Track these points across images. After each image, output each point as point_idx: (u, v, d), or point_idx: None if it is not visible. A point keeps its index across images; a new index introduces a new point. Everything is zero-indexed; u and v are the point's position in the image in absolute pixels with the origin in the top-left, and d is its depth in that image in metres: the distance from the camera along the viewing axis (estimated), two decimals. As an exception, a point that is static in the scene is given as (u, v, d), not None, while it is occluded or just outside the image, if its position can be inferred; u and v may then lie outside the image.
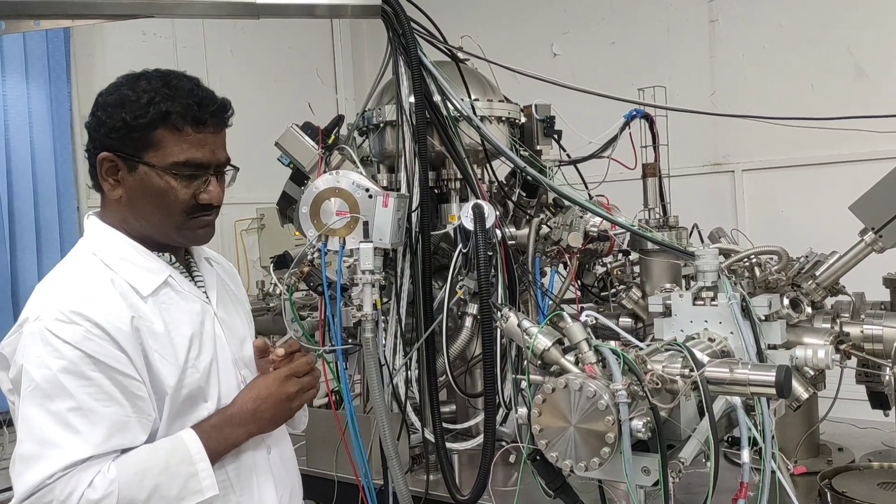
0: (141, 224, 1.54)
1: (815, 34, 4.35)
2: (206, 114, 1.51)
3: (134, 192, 1.51)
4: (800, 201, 4.37)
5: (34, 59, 4.02)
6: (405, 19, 2.48)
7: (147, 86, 1.49)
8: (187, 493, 1.41)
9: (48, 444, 1.33)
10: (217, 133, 1.55)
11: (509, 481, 2.48)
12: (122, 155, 1.49)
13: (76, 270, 1.50)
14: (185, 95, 1.49)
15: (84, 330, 1.38)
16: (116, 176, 1.52)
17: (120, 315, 1.42)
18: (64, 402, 1.35)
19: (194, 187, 1.52)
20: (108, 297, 1.44)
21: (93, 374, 1.37)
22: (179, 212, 1.52)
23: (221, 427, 1.50)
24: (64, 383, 1.35)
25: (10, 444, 3.86)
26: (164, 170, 1.49)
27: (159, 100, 1.47)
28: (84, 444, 1.34)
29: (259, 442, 1.61)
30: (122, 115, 1.47)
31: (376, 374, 2.41)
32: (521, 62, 2.77)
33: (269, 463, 1.64)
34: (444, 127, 2.53)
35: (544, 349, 1.48)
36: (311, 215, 2.33)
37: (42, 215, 3.99)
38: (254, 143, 2.89)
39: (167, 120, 1.47)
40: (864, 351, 2.16)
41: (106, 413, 1.37)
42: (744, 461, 1.50)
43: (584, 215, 2.66)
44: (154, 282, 1.51)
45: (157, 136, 1.48)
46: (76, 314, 1.38)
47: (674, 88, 3.41)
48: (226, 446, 1.50)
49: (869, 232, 2.15)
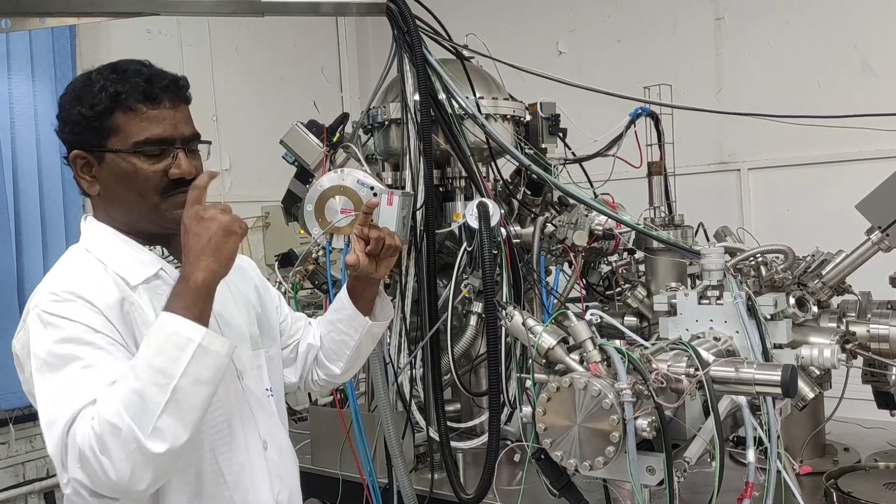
0: (123, 214, 1.55)
1: (822, 31, 4.33)
2: (157, 89, 1.51)
3: (108, 182, 1.53)
4: (806, 200, 4.36)
5: (40, 57, 4.02)
6: (410, 17, 2.48)
7: (97, 76, 1.52)
8: (177, 350, 1.31)
9: (61, 403, 1.34)
10: (175, 108, 1.54)
11: (514, 480, 2.48)
12: (88, 149, 1.52)
13: (69, 263, 1.53)
14: (133, 75, 1.51)
15: (80, 305, 1.40)
16: (91, 172, 1.54)
17: (111, 295, 1.44)
18: (71, 365, 1.36)
19: (163, 164, 1.51)
20: (99, 280, 1.46)
21: (94, 339, 1.38)
22: (153, 191, 1.51)
23: (174, 289, 1.40)
24: (68, 352, 1.36)
25: (15, 442, 3.87)
26: (127, 152, 1.49)
27: (109, 85, 1.49)
28: (90, 389, 1.33)
29: (254, 437, 1.60)
30: (78, 109, 1.50)
31: (381, 372, 2.41)
32: (527, 60, 2.76)
33: (266, 459, 1.62)
34: (449, 125, 2.53)
35: (549, 348, 1.47)
36: (315, 213, 2.33)
37: (47, 213, 3.99)
38: (258, 141, 2.90)
39: (120, 102, 1.48)
40: (871, 350, 2.15)
41: (110, 365, 1.36)
42: (749, 461, 1.50)
43: (589, 214, 2.65)
44: (144, 273, 1.52)
45: (115, 120, 1.49)
46: (68, 293, 1.41)
47: (679, 86, 3.40)
48: (192, 294, 1.37)
49: (875, 231, 2.14)
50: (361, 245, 1.80)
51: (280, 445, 1.69)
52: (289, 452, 1.73)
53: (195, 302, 1.36)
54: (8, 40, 3.85)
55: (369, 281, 1.86)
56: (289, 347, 1.90)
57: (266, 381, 1.71)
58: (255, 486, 1.58)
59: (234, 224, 1.42)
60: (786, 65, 4.43)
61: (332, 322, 1.90)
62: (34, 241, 3.92)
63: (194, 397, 1.33)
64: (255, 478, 1.59)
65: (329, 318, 1.92)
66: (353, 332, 1.87)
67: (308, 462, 2.77)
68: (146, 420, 1.27)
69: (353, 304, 1.86)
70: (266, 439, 1.63)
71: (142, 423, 1.27)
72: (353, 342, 1.88)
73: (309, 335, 1.93)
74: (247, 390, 1.62)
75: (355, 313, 1.86)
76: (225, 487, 1.54)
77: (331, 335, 1.90)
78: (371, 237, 1.79)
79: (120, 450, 1.26)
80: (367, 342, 1.93)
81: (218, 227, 1.40)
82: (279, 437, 1.70)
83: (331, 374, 1.93)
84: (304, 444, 2.84)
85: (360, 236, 1.81)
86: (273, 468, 1.64)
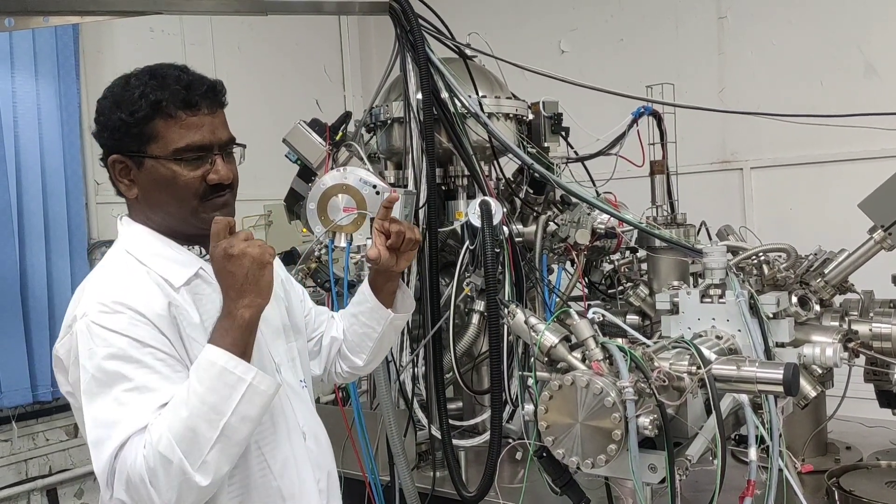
0: (162, 217, 1.57)
1: (825, 31, 4.33)
2: (196, 96, 1.53)
3: (147, 187, 1.55)
4: (809, 199, 4.35)
5: (43, 55, 4.03)
6: (413, 16, 2.48)
7: (136, 82, 1.53)
8: (228, 389, 1.37)
9: (110, 424, 1.36)
10: (213, 114, 1.57)
11: (516, 478, 2.49)
12: (128, 154, 1.53)
13: (113, 268, 1.54)
14: (173, 82, 1.52)
15: (128, 317, 1.42)
16: (129, 176, 1.56)
17: (159, 302, 1.46)
18: (119, 385, 1.38)
19: (202, 170, 1.54)
20: (145, 288, 1.48)
21: (142, 356, 1.40)
22: (192, 197, 1.54)
23: (220, 325, 1.44)
24: (116, 369, 1.38)
25: (17, 440, 3.88)
26: (167, 158, 1.51)
27: (149, 91, 1.50)
28: (141, 414, 1.36)
29: (294, 427, 1.64)
30: (118, 115, 1.51)
31: (383, 370, 2.41)
32: (529, 59, 2.76)
33: (306, 449, 1.66)
34: (452, 124, 2.53)
35: (551, 346, 1.48)
36: (318, 212, 2.33)
37: (51, 211, 4.00)
38: (261, 140, 2.88)
39: (160, 109, 1.50)
40: (873, 349, 2.15)
41: (159, 387, 1.39)
42: (751, 459, 1.50)
43: (591, 212, 2.65)
44: (185, 274, 1.54)
45: (155, 127, 1.51)
46: (118, 304, 1.43)
47: (682, 85, 3.40)
48: (239, 331, 1.42)
49: (878, 230, 2.14)
50: (382, 239, 1.81)
51: (317, 434, 1.73)
52: (325, 440, 1.77)
53: (242, 337, 1.42)
54: (11, 39, 3.86)
55: (390, 274, 1.88)
56: (313, 340, 1.93)
57: (300, 373, 1.75)
58: (299, 476, 1.62)
59: (263, 254, 1.46)
60: (788, 64, 4.43)
61: (355, 315, 1.92)
62: (37, 240, 3.93)
63: (241, 433, 1.39)
64: (299, 467, 1.62)
65: (351, 311, 1.94)
66: (376, 325, 1.89)
67: (310, 460, 2.77)
68: (196, 454, 1.33)
69: (375, 297, 1.88)
70: (304, 429, 1.67)
71: (192, 457, 1.32)
72: (376, 334, 1.90)
73: (332, 328, 1.96)
74: (285, 383, 1.65)
75: (377, 306, 1.88)
76: (272, 478, 1.57)
77: (353, 328, 1.92)
78: (392, 231, 1.80)
79: (168, 481, 1.32)
80: (390, 334, 1.95)
81: (251, 262, 1.44)
82: (315, 427, 1.74)
83: (354, 367, 1.96)
84: (306, 442, 2.84)
85: (380, 230, 1.82)
86: (312, 457, 1.68)
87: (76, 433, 4.06)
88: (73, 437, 4.12)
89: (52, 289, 3.94)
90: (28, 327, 3.84)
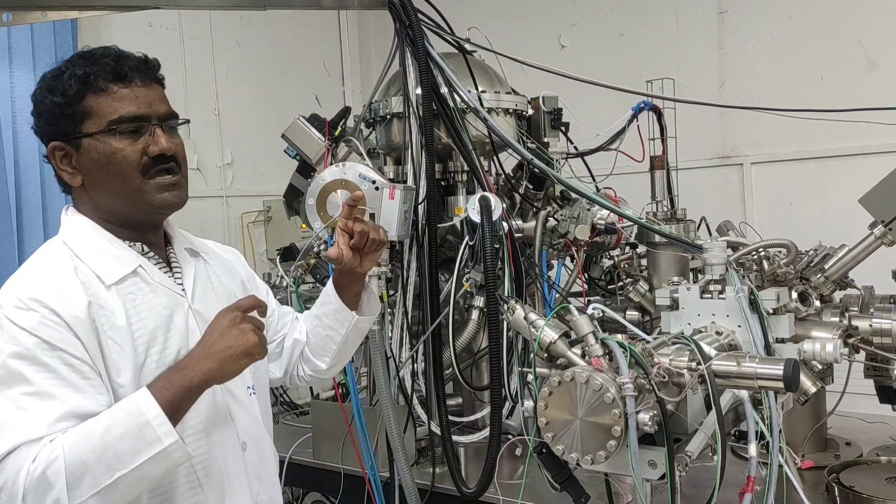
0: (108, 201, 1.53)
1: (826, 25, 4.32)
2: (126, 67, 1.50)
3: (89, 169, 1.51)
4: (809, 194, 4.35)
5: (42, 51, 4.02)
6: (412, 10, 2.47)
7: (66, 65, 1.52)
8: (143, 444, 1.31)
9: (1, 427, 1.32)
10: (147, 86, 1.53)
11: (515, 474, 2.49)
12: (64, 138, 1.51)
13: (41, 261, 1.50)
14: (101, 56, 1.51)
15: (40, 316, 1.37)
16: (71, 162, 1.52)
17: (77, 303, 1.41)
18: (19, 388, 1.34)
19: (141, 143, 1.50)
20: (67, 285, 1.43)
21: (48, 360, 1.36)
22: (134, 172, 1.49)
23: (170, 374, 1.40)
24: (19, 369, 1.34)
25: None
26: (103, 133, 1.48)
27: (77, 69, 1.49)
28: (37, 423, 1.32)
29: (231, 438, 1.57)
30: (50, 98, 1.50)
31: (382, 366, 2.41)
32: (529, 54, 2.75)
33: (245, 461, 1.59)
34: (451, 119, 2.52)
35: (551, 342, 1.47)
36: (317, 207, 2.32)
37: (49, 207, 3.99)
38: (260, 135, 2.89)
39: (90, 84, 1.48)
40: (873, 345, 2.15)
41: (61, 395, 1.35)
42: (751, 455, 1.49)
43: (591, 208, 2.65)
44: (121, 271, 1.50)
45: (87, 103, 1.49)
46: (33, 300, 1.39)
47: (682, 80, 3.39)
48: (181, 391, 1.37)
49: (879, 225, 2.13)
50: (345, 238, 1.76)
51: (259, 445, 1.66)
52: (269, 452, 1.71)
53: (180, 398, 1.37)
54: (10, 34, 3.85)
55: (354, 275, 1.83)
56: (274, 342, 1.87)
57: (248, 379, 1.66)
58: (231, 489, 1.55)
59: (257, 348, 1.43)
60: (789, 59, 4.42)
61: (318, 317, 1.87)
62: (36, 235, 3.93)
63: (132, 489, 1.35)
64: (231, 480, 1.55)
65: (315, 313, 1.89)
66: (339, 327, 1.85)
67: (309, 456, 2.77)
68: (79, 492, 1.29)
69: (339, 298, 1.84)
70: (245, 440, 1.60)
71: (73, 493, 1.28)
72: (340, 337, 1.85)
73: (295, 330, 1.91)
74: (226, 391, 1.58)
75: (341, 307, 1.83)
76: (199, 491, 1.50)
77: (317, 330, 1.87)
78: (355, 230, 1.75)
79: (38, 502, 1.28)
80: (354, 337, 1.90)
81: (243, 344, 1.41)
82: (259, 437, 1.66)
83: (316, 370, 1.91)
84: (305, 437, 2.84)
85: (343, 230, 1.77)
86: (252, 469, 1.61)
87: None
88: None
89: (51, 285, 3.94)
90: (27, 323, 3.84)
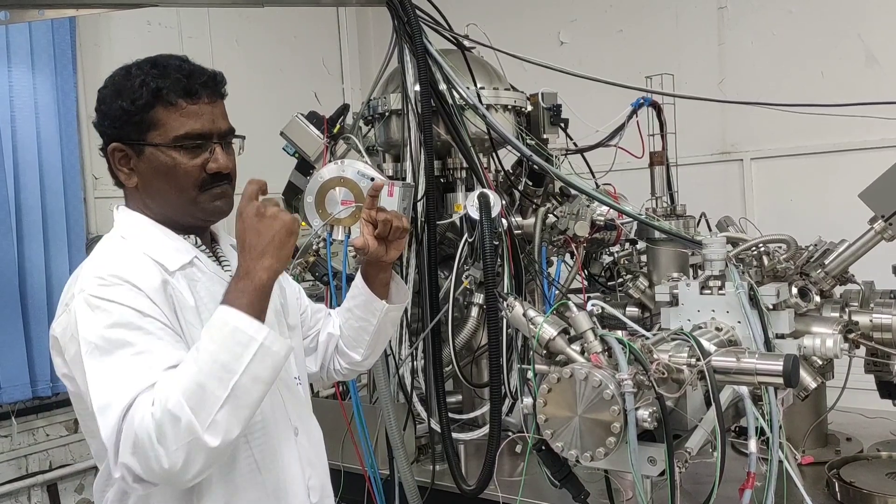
0: (160, 206, 1.58)
1: (826, 20, 4.31)
2: (197, 85, 1.54)
3: (146, 175, 1.56)
4: (809, 189, 4.34)
5: (40, 49, 4.01)
6: (410, 7, 2.47)
7: (137, 71, 1.54)
8: (241, 347, 1.35)
9: (115, 386, 1.34)
10: (212, 103, 1.58)
11: (515, 471, 2.49)
12: (128, 142, 1.54)
13: (108, 249, 1.55)
14: (174, 71, 1.54)
15: (126, 288, 1.42)
16: (129, 164, 1.57)
17: (154, 279, 1.46)
18: (121, 351, 1.37)
19: (201, 159, 1.55)
20: (142, 264, 1.48)
21: (143, 324, 1.40)
22: (191, 186, 1.55)
23: (236, 285, 1.42)
24: (118, 336, 1.38)
25: (17, 435, 3.87)
26: (167, 146, 1.53)
27: (150, 80, 1.51)
28: (145, 375, 1.35)
29: (285, 423, 1.63)
30: (119, 103, 1.53)
31: (382, 364, 2.40)
32: (528, 50, 2.75)
33: (297, 445, 1.65)
34: (450, 115, 2.52)
35: (550, 339, 1.47)
36: (316, 205, 2.32)
37: (48, 206, 3.99)
38: (259, 133, 2.87)
39: (160, 97, 1.51)
40: (873, 340, 2.15)
41: (161, 349, 1.39)
42: (751, 451, 1.50)
43: (590, 204, 2.65)
44: (181, 259, 1.55)
45: (155, 115, 1.52)
46: (114, 276, 1.43)
47: (682, 76, 3.39)
48: (253, 293, 1.41)
49: (879, 220, 2.13)
50: (370, 228, 1.81)
51: (310, 432, 1.72)
52: (318, 439, 1.76)
53: (257, 299, 1.41)
54: (7, 33, 3.84)
55: (382, 265, 1.87)
56: (309, 337, 1.93)
57: (294, 370, 1.73)
58: (286, 472, 1.61)
59: (294, 223, 1.47)
60: (789, 54, 4.41)
61: (350, 309, 1.92)
62: (35, 235, 3.92)
63: (252, 394, 1.37)
64: (286, 463, 1.61)
65: (346, 306, 1.93)
66: (371, 317, 1.89)
67: (310, 454, 2.77)
68: (206, 413, 1.30)
69: (368, 289, 1.88)
70: (297, 425, 1.67)
71: (202, 415, 1.30)
72: (372, 327, 1.89)
73: (329, 325, 1.95)
74: (278, 378, 1.61)
75: (371, 297, 1.87)
76: (257, 473, 1.56)
77: (349, 322, 1.92)
78: (378, 220, 1.80)
79: (177, 440, 1.29)
80: (386, 326, 1.94)
81: (281, 227, 1.44)
82: (309, 424, 1.73)
83: (352, 362, 1.95)
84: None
85: (367, 220, 1.82)
86: (304, 454, 1.67)
87: (76, 428, 4.05)
88: (73, 433, 4.11)
89: (51, 284, 3.93)
90: (27, 322, 3.83)
